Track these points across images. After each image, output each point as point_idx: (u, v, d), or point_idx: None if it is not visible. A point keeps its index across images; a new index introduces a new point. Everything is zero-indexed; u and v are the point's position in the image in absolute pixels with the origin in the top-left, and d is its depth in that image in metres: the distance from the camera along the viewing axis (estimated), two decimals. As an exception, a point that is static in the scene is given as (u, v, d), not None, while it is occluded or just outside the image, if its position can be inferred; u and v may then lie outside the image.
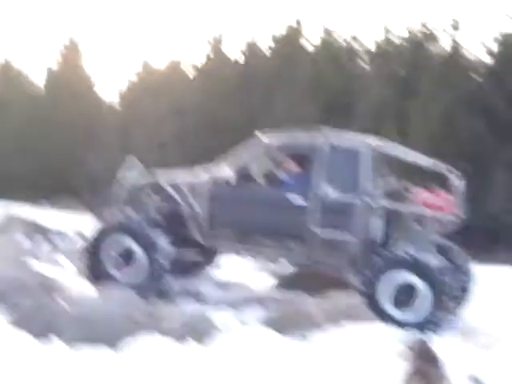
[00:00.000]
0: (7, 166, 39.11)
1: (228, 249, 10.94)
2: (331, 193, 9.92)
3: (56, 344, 7.64)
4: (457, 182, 10.10)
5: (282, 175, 10.52)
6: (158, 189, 10.91)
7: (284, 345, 7.95)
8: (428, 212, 10.11)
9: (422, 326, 9.24)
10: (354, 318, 8.89)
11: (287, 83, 27.75)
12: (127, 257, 10.45)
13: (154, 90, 33.95)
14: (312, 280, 11.39)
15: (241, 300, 10.49)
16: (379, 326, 8.87)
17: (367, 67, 28.11)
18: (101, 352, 7.46)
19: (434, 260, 9.56)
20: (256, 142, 10.61)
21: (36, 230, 14.86)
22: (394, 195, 10.46)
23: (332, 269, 11.11)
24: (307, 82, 26.88)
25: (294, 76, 27.61)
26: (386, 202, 10.01)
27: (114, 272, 10.47)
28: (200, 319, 8.37)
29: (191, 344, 7.80)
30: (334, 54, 28.22)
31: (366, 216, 9.80)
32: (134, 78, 37.44)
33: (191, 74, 34.65)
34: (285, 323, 8.72)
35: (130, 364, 7.07)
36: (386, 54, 26.63)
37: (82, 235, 13.90)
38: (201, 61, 33.50)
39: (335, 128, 16.96)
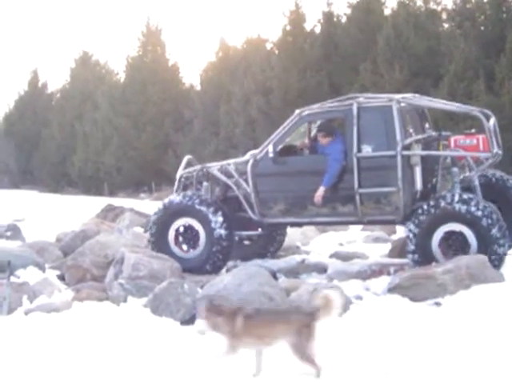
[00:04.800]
0: (103, 159, 39.78)
1: (283, 223, 11.12)
2: (367, 150, 10.14)
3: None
4: (489, 121, 10.28)
5: (318, 142, 10.79)
6: (208, 175, 11.25)
7: (418, 312, 8.12)
8: (464, 153, 10.40)
9: None
10: (478, 279, 8.93)
11: (369, 50, 27.59)
12: (190, 237, 10.87)
13: (234, 68, 34.10)
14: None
15: (364, 270, 10.63)
16: (506, 285, 8.88)
17: (448, 26, 27.70)
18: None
19: (475, 206, 9.69)
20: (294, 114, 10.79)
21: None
22: (428, 143, 10.72)
23: (384, 224, 11.86)
24: (389, 47, 26.65)
25: (375, 42, 27.41)
26: (421, 151, 10.17)
27: (176, 250, 10.86)
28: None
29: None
30: (413, 15, 27.85)
31: (403, 167, 9.95)
32: (213, 58, 37.62)
33: (269, 48, 34.69)
34: (415, 290, 8.90)
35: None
36: (466, 11, 26.24)
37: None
38: (277, 35, 33.49)
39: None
